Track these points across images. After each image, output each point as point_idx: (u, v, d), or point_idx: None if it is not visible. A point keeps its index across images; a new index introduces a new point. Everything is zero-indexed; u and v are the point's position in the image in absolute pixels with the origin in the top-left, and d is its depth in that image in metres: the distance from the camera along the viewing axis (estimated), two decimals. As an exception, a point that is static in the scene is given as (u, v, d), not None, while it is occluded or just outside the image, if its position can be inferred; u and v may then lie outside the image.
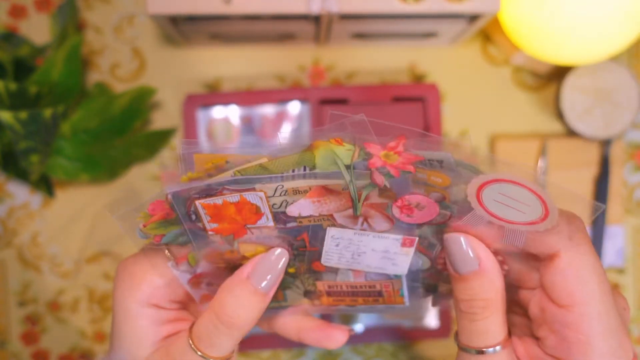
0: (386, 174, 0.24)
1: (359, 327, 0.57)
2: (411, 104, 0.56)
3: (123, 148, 0.55)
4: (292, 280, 0.30)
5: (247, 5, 0.46)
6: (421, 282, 0.30)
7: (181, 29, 0.51)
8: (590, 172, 0.58)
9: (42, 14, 0.58)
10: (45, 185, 0.56)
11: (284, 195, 0.26)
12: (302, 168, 0.25)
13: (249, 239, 0.28)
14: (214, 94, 0.57)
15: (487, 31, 0.59)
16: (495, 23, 0.54)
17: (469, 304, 0.26)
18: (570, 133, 0.59)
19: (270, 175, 0.25)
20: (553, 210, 0.24)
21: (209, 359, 0.28)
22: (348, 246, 0.28)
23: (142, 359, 0.29)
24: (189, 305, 0.32)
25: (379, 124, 0.25)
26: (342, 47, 0.59)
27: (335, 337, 0.32)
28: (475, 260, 0.26)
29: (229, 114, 0.57)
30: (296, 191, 0.25)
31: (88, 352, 0.59)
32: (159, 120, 0.58)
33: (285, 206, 0.26)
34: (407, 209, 0.26)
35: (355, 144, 0.25)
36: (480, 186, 0.24)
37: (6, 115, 0.44)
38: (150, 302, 0.29)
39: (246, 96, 0.56)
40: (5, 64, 0.49)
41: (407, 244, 0.27)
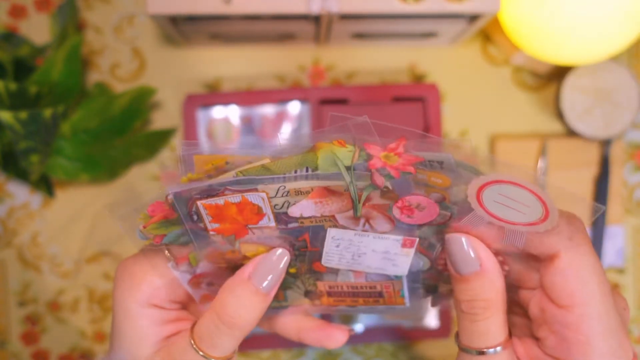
0: (386, 175, 0.24)
1: (359, 327, 0.57)
2: (411, 104, 0.56)
3: (123, 148, 0.55)
4: (293, 281, 0.30)
5: (247, 5, 0.46)
6: (421, 283, 0.30)
7: (181, 29, 0.51)
8: (590, 172, 0.58)
9: (42, 14, 0.58)
10: (45, 185, 0.56)
11: (286, 196, 0.26)
12: (305, 169, 0.25)
13: (250, 239, 0.28)
14: (214, 94, 0.57)
15: (487, 31, 0.59)
16: (495, 23, 0.54)
17: (469, 304, 0.26)
18: (570, 133, 0.59)
19: (273, 176, 0.25)
20: (553, 211, 0.24)
21: (210, 359, 0.28)
22: (348, 247, 0.28)
23: (143, 359, 0.29)
24: (190, 306, 0.32)
25: (381, 125, 0.25)
26: (342, 47, 0.59)
27: (336, 337, 0.32)
28: (476, 261, 0.26)
29: (229, 114, 0.57)
30: (298, 192, 0.25)
31: (88, 352, 0.59)
32: (159, 120, 0.58)
33: (287, 207, 0.26)
34: (408, 210, 0.26)
35: (356, 145, 0.25)
36: (481, 187, 0.24)
37: (6, 115, 0.44)
38: (150, 303, 0.29)
39: (246, 96, 0.56)
40: (5, 64, 0.49)
41: (408, 245, 0.27)
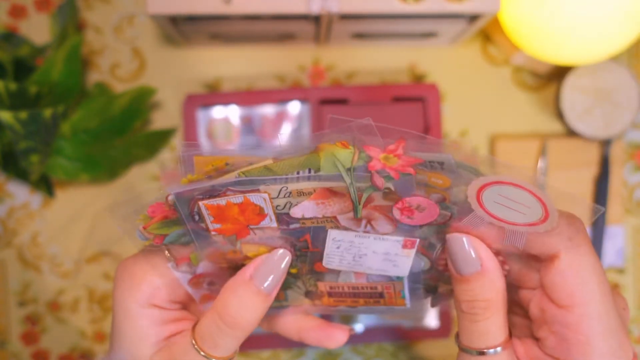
0: (386, 177, 0.24)
1: (359, 327, 0.57)
2: (411, 104, 0.56)
3: (123, 148, 0.55)
4: (294, 281, 0.30)
5: (247, 5, 0.46)
6: (422, 284, 0.30)
7: (181, 29, 0.51)
8: (590, 172, 0.58)
9: (42, 14, 0.58)
10: (45, 185, 0.56)
11: (288, 196, 0.26)
12: (307, 170, 0.25)
13: (251, 240, 0.28)
14: (214, 94, 0.57)
15: (487, 31, 0.59)
16: (495, 23, 0.54)
17: (470, 304, 0.26)
18: (570, 133, 0.59)
19: (275, 176, 0.25)
20: (553, 212, 0.24)
21: (211, 359, 0.28)
22: (349, 248, 0.28)
23: (143, 359, 0.29)
24: (190, 306, 0.32)
25: (383, 127, 0.25)
26: (342, 47, 0.59)
27: (336, 337, 0.32)
28: (477, 261, 0.26)
29: (229, 114, 0.57)
30: (300, 193, 0.25)
31: (88, 352, 0.59)
32: (159, 120, 0.58)
33: (289, 208, 0.26)
34: (408, 211, 0.26)
35: (355, 147, 0.25)
36: (480, 188, 0.24)
37: (6, 115, 0.44)
38: (150, 303, 0.29)
39: (246, 96, 0.56)
40: (5, 64, 0.49)
41: (408, 246, 0.27)
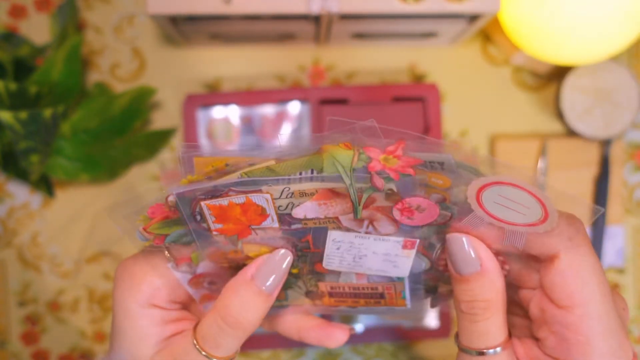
0: (385, 178, 0.24)
1: (359, 327, 0.57)
2: (411, 104, 0.56)
3: (123, 148, 0.55)
4: (295, 281, 0.30)
5: (247, 5, 0.46)
6: (422, 284, 0.30)
7: (181, 29, 0.51)
8: (590, 172, 0.58)
9: (42, 14, 0.58)
10: (45, 185, 0.56)
11: (290, 197, 0.26)
12: (310, 171, 0.25)
13: (253, 240, 0.28)
14: (214, 94, 0.57)
15: (487, 31, 0.59)
16: (495, 23, 0.54)
17: (469, 304, 0.26)
18: (570, 133, 0.59)
19: (277, 177, 0.25)
20: (552, 213, 0.24)
21: (212, 359, 0.28)
22: (349, 249, 0.28)
23: (144, 359, 0.29)
24: (190, 306, 0.32)
25: (385, 128, 0.25)
26: (342, 47, 0.59)
27: (336, 336, 0.32)
28: (476, 261, 0.26)
29: (229, 114, 0.57)
30: (302, 194, 0.25)
31: (88, 352, 0.59)
32: (159, 120, 0.58)
33: (291, 208, 0.26)
34: (408, 212, 0.26)
35: (355, 148, 0.25)
36: (480, 188, 0.24)
37: (6, 115, 0.44)
38: (150, 303, 0.29)
39: (246, 96, 0.56)
40: (5, 64, 0.49)
41: (408, 246, 0.27)
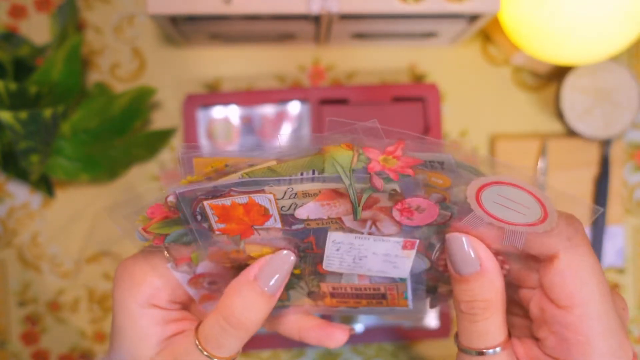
0: (385, 178, 0.24)
1: (359, 327, 0.57)
2: (411, 104, 0.56)
3: (123, 148, 0.55)
4: (297, 281, 0.30)
5: (247, 5, 0.46)
6: (424, 284, 0.30)
7: (181, 29, 0.51)
8: (590, 172, 0.58)
9: (42, 14, 0.58)
10: (45, 185, 0.56)
11: (294, 198, 0.26)
12: (311, 171, 0.25)
13: (255, 240, 0.28)
14: (214, 94, 0.57)
15: (487, 31, 0.59)
16: (495, 23, 0.54)
17: (469, 304, 0.26)
18: (570, 133, 0.59)
19: (279, 177, 0.25)
20: (552, 213, 0.24)
21: (214, 359, 0.28)
22: (349, 250, 0.28)
23: (144, 359, 0.29)
24: (191, 306, 0.32)
25: (387, 129, 0.25)
26: (342, 47, 0.59)
27: (336, 337, 0.32)
28: (476, 261, 0.26)
29: (229, 114, 0.57)
30: (306, 194, 0.25)
31: (88, 352, 0.59)
32: (159, 120, 0.58)
33: (294, 209, 0.26)
34: (407, 212, 0.26)
35: (354, 149, 0.25)
36: (480, 188, 0.24)
37: (6, 115, 0.44)
38: (150, 303, 0.29)
39: (246, 96, 0.56)
40: (5, 64, 0.49)
41: (408, 247, 0.27)
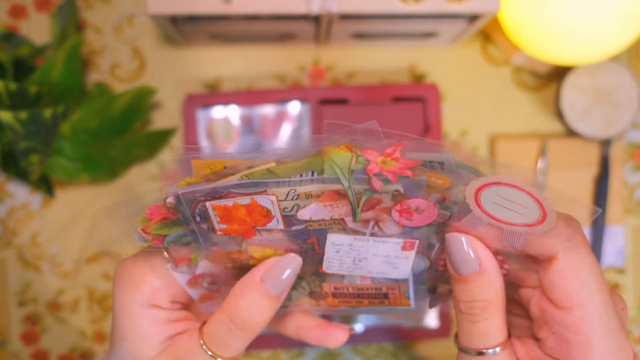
0: (384, 180, 0.24)
1: (359, 327, 0.57)
2: (411, 104, 0.56)
3: (123, 148, 0.55)
4: (299, 282, 0.30)
5: (247, 5, 0.46)
6: (425, 284, 0.30)
7: (181, 29, 0.51)
8: (590, 172, 0.58)
9: (42, 14, 0.58)
10: (45, 185, 0.56)
11: (296, 199, 0.26)
12: (310, 173, 0.25)
13: (257, 241, 0.28)
14: (214, 94, 0.57)
15: (487, 31, 0.59)
16: (495, 23, 0.54)
17: (469, 304, 0.26)
18: (570, 133, 0.59)
19: (278, 179, 0.25)
20: (551, 214, 0.24)
21: (218, 359, 0.28)
22: (349, 252, 0.28)
23: (145, 359, 0.29)
24: (191, 306, 0.32)
25: (387, 131, 0.25)
26: (342, 47, 0.59)
27: (336, 336, 0.32)
28: (475, 261, 0.26)
29: (229, 114, 0.57)
30: (308, 195, 0.25)
31: (88, 352, 0.59)
32: (159, 120, 0.58)
33: (297, 210, 0.26)
34: (407, 213, 0.26)
35: (353, 151, 0.25)
36: (479, 189, 0.24)
37: (6, 115, 0.44)
38: (150, 303, 0.29)
39: (246, 96, 0.56)
40: (5, 64, 0.49)
41: (408, 247, 0.27)
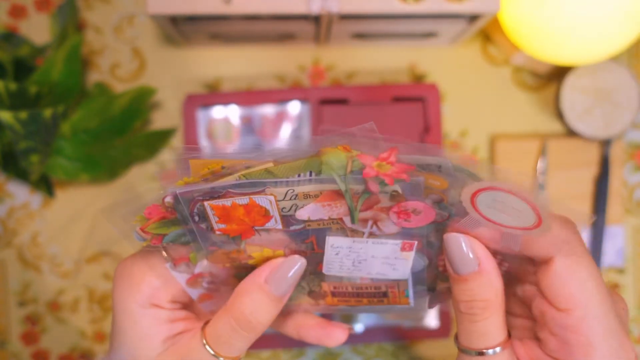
0: (381, 183, 0.24)
1: (359, 327, 0.57)
2: (411, 104, 0.56)
3: (123, 148, 0.55)
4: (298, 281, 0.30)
5: (247, 5, 0.46)
6: (425, 283, 0.30)
7: (181, 29, 0.51)
8: (590, 172, 0.58)
9: (42, 14, 0.58)
10: (45, 185, 0.56)
11: (294, 199, 0.26)
12: (308, 173, 0.25)
13: (256, 240, 0.28)
14: (214, 94, 0.57)
15: (487, 31, 0.59)
16: (495, 23, 0.54)
17: (468, 305, 0.26)
18: (570, 133, 0.59)
19: (276, 179, 0.25)
20: (546, 219, 0.24)
21: (220, 358, 0.28)
22: (348, 254, 0.28)
23: (145, 359, 0.29)
24: (191, 305, 0.32)
25: (386, 133, 0.25)
26: (342, 47, 0.59)
27: (336, 335, 0.32)
28: (475, 261, 0.26)
29: (229, 114, 0.57)
30: (307, 195, 0.25)
31: (88, 352, 0.59)
32: (159, 120, 0.58)
33: (295, 210, 0.26)
34: (404, 214, 0.26)
35: (348, 155, 0.25)
36: (475, 192, 0.24)
37: (6, 115, 0.44)
38: (150, 303, 0.29)
39: (246, 96, 0.56)
40: (5, 64, 0.49)
41: (407, 248, 0.28)
